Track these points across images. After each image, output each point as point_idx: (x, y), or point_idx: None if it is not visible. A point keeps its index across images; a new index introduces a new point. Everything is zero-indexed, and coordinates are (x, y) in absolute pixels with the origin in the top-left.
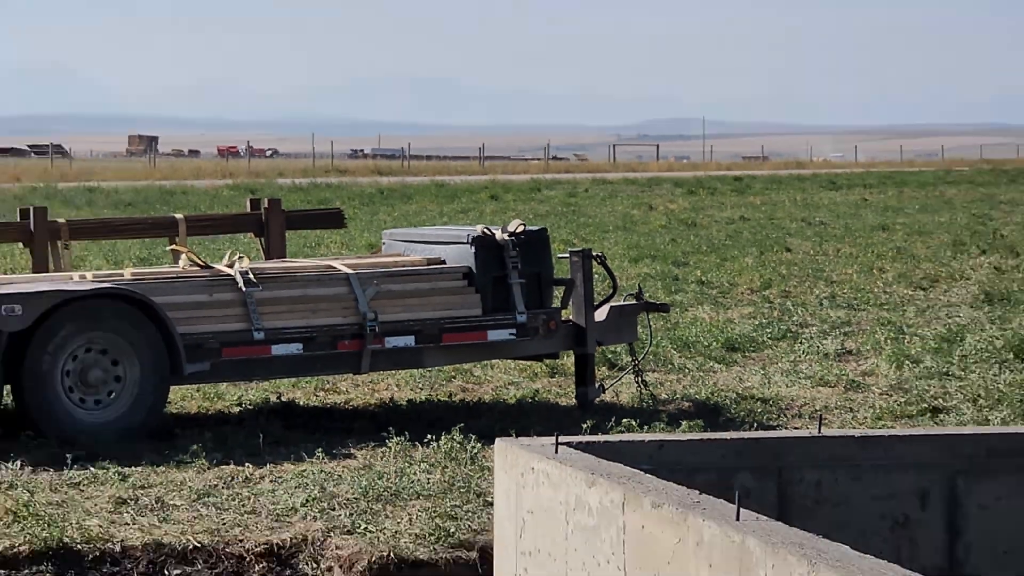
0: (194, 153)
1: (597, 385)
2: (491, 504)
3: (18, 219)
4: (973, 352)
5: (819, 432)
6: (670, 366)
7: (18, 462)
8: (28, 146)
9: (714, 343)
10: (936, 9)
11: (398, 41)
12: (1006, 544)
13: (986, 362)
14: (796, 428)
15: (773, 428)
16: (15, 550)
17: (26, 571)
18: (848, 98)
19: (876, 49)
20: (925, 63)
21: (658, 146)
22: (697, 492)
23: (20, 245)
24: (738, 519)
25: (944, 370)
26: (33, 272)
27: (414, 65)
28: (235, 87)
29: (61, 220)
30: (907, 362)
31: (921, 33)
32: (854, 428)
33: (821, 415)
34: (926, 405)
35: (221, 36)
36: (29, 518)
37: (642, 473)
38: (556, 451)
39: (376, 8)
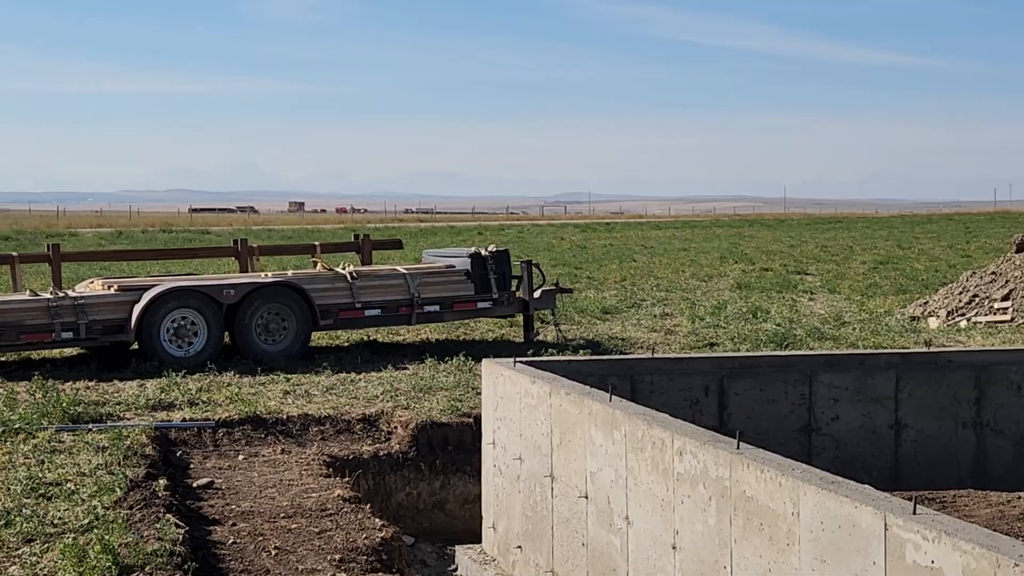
0: (323, 211)
1: (535, 332)
2: (480, 394)
3: (230, 244)
4: (731, 314)
5: (652, 355)
6: (573, 321)
7: (232, 371)
8: (237, 207)
9: (596, 309)
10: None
11: (441, 145)
12: (750, 412)
13: (738, 320)
14: (640, 353)
15: (628, 354)
16: (231, 417)
17: (238, 429)
18: (665, 179)
19: (677, 148)
20: (713, 157)
21: (566, 206)
22: (588, 387)
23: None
24: (610, 401)
25: (716, 323)
26: (239, 272)
27: (430, 163)
28: (348, 174)
29: (254, 245)
30: (697, 319)
31: (710, 136)
32: (670, 353)
33: (653, 347)
34: (707, 342)
35: (337, 138)
36: (239, 400)
37: (560, 377)
38: (514, 366)
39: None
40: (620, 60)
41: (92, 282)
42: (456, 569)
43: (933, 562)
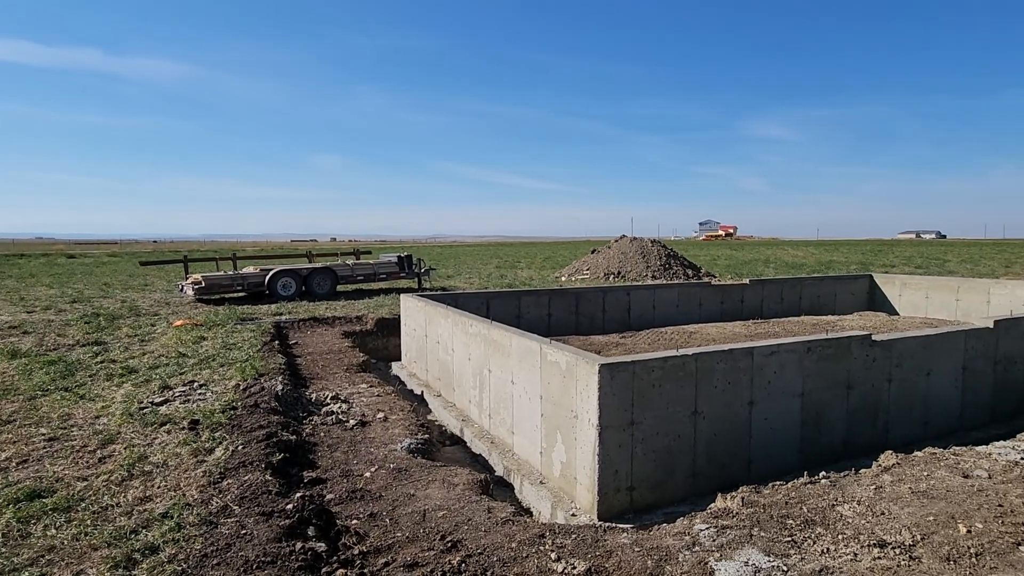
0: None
1: (421, 285)
2: (400, 306)
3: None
4: (493, 276)
5: (464, 292)
6: (437, 278)
7: (305, 302)
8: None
9: (443, 276)
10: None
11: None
12: (501, 312)
13: (496, 279)
14: (460, 291)
15: (455, 291)
16: (304, 317)
17: (308, 322)
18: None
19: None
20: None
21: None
22: (439, 302)
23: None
24: (447, 306)
25: (489, 281)
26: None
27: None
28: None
29: (313, 251)
30: (483, 278)
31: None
32: (470, 291)
33: (465, 289)
34: (485, 287)
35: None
36: (308, 311)
37: (428, 300)
38: (412, 296)
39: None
40: None
41: (247, 267)
42: (392, 370)
43: (556, 360)
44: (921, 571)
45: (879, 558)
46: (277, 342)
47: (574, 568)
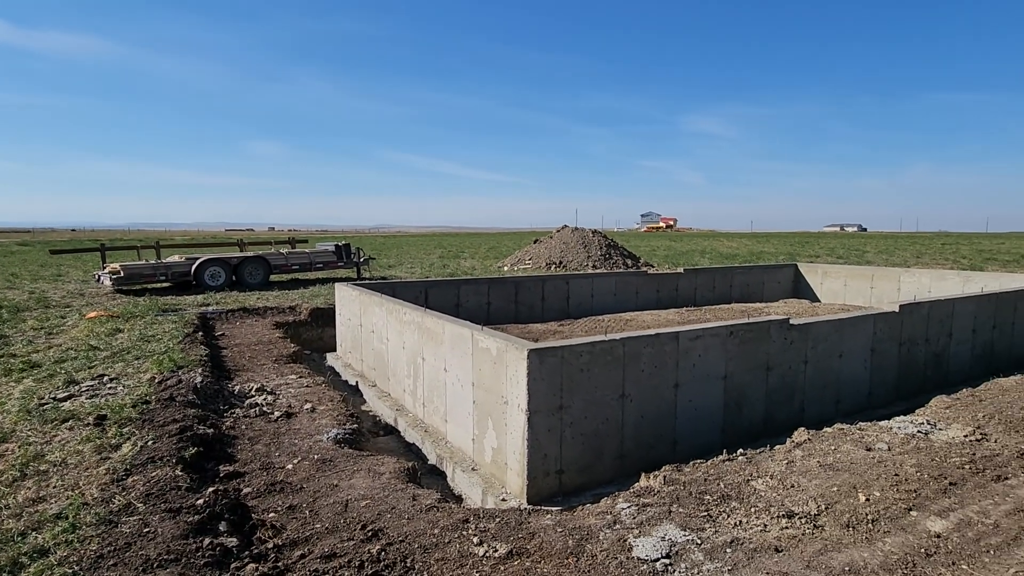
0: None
1: (360, 274)
2: (335, 295)
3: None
4: (435, 265)
5: (401, 280)
6: (377, 268)
7: (235, 291)
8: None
9: (384, 265)
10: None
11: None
12: (439, 302)
13: (438, 268)
14: (398, 279)
15: (393, 279)
16: (233, 308)
17: (237, 313)
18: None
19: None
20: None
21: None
22: (374, 291)
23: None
24: (381, 295)
25: (431, 270)
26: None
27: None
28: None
29: (245, 240)
30: (425, 268)
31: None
32: (408, 279)
33: (402, 278)
34: (425, 276)
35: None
36: (237, 302)
37: (364, 288)
38: (348, 285)
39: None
40: None
41: (172, 256)
42: (326, 361)
43: (487, 346)
44: (823, 538)
45: (787, 528)
46: (201, 333)
47: (496, 551)
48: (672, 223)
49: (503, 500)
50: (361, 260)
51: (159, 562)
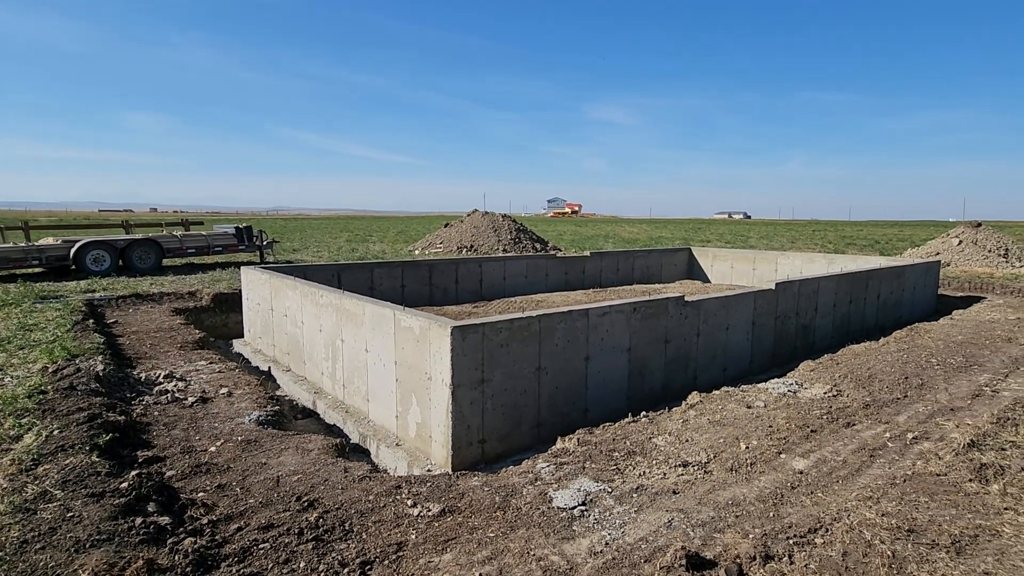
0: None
1: (263, 257)
2: (241, 279)
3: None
4: (344, 250)
5: (312, 264)
6: (281, 252)
7: (124, 277)
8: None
9: (288, 249)
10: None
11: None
12: (353, 283)
13: (347, 252)
14: (308, 263)
15: (303, 263)
16: (125, 295)
17: (129, 299)
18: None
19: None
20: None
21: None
22: (286, 274)
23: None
24: (294, 278)
25: (340, 254)
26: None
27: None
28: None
29: (131, 221)
30: (332, 252)
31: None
32: (318, 263)
33: (313, 262)
34: (336, 260)
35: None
36: (129, 287)
37: (273, 271)
38: (254, 268)
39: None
40: None
41: (46, 238)
42: (233, 348)
43: (410, 325)
44: (712, 480)
45: (682, 474)
46: (92, 321)
47: (429, 510)
48: (578, 209)
49: (428, 470)
50: (264, 243)
51: (91, 542)
